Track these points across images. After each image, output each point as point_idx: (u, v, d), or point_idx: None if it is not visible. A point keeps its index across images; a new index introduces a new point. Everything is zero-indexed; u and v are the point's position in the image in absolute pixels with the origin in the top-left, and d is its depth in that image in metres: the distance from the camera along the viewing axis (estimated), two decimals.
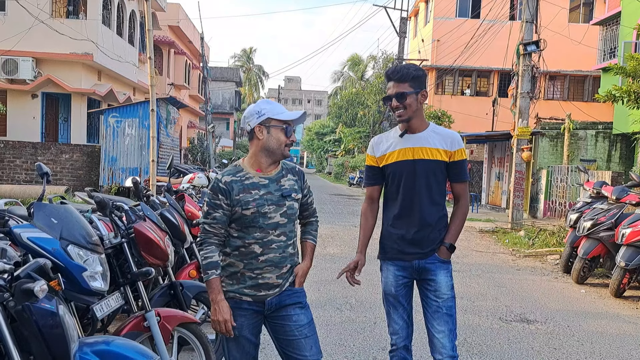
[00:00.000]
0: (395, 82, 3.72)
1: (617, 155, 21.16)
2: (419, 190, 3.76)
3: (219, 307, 3.25)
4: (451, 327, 3.73)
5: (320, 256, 10.78)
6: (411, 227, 3.80)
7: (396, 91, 3.71)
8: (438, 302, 3.76)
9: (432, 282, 3.79)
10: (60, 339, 2.80)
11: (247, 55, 79.25)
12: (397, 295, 3.88)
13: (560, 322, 7.24)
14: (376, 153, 3.93)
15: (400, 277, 3.87)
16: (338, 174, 54.40)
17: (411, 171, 3.76)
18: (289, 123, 3.36)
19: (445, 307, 3.75)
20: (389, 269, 3.93)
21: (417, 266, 3.81)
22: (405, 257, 3.83)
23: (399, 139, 3.83)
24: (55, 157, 20.13)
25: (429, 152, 3.75)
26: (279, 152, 3.37)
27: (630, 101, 13.10)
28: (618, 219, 8.86)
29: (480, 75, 33.59)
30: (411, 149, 3.77)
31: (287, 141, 3.37)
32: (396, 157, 3.82)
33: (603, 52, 23.85)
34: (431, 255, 3.80)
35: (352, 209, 22.12)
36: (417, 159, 3.76)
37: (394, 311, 3.91)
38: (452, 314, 3.76)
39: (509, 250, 13.14)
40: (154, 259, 4.71)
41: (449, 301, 3.76)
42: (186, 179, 11.81)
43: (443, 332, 3.71)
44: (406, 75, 3.71)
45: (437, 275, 3.78)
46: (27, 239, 3.37)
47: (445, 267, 3.81)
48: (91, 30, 20.64)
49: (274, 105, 3.39)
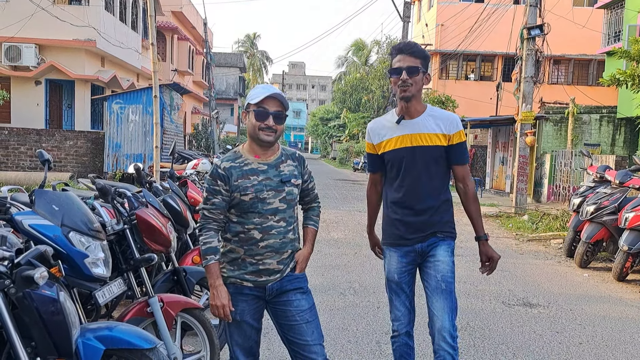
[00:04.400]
0: (408, 55, 3.64)
1: (621, 140, 21.08)
2: (419, 176, 3.72)
3: (217, 291, 3.27)
4: (451, 305, 3.69)
5: (324, 241, 10.80)
6: (412, 213, 3.76)
7: (408, 65, 3.62)
8: (437, 277, 3.71)
9: (432, 257, 3.76)
10: (61, 325, 2.81)
11: (251, 41, 79.05)
12: (399, 282, 3.86)
13: (562, 305, 7.25)
14: (374, 140, 3.90)
15: (404, 263, 3.84)
16: (343, 159, 54.38)
17: (410, 158, 3.72)
18: (260, 105, 3.29)
19: (445, 282, 3.70)
20: (392, 255, 3.89)
21: (420, 249, 3.79)
22: (407, 243, 3.80)
23: (396, 126, 3.78)
24: (60, 144, 20.17)
25: (427, 138, 3.70)
26: (255, 136, 3.33)
27: (635, 85, 13.04)
28: (621, 203, 8.85)
29: (484, 60, 33.42)
30: (409, 136, 3.72)
31: (259, 125, 3.29)
32: (394, 145, 3.77)
33: (607, 36, 23.68)
34: (432, 237, 3.77)
35: (357, 194, 22.12)
36: (415, 145, 3.71)
37: (396, 298, 3.89)
38: (451, 290, 3.72)
39: (513, 234, 13.15)
40: (156, 245, 4.71)
41: (448, 277, 3.72)
42: (190, 165, 11.84)
43: (442, 310, 3.67)
44: (419, 52, 3.67)
45: (437, 250, 3.76)
46: (28, 225, 3.38)
47: (447, 244, 3.79)
48: (94, 17, 20.62)
49: (256, 90, 3.34)
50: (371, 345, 5.56)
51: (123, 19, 24.36)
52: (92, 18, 20.33)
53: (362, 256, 9.75)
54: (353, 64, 64.36)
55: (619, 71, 13.42)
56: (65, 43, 20.98)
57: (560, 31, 23.31)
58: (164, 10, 30.66)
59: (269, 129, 3.31)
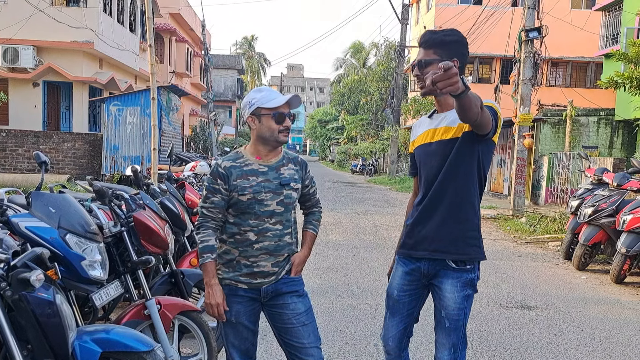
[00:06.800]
0: (422, 47, 3.28)
1: (619, 142, 21.09)
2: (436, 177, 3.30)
3: (212, 290, 3.28)
4: (454, 341, 3.30)
5: (322, 243, 10.80)
6: (423, 220, 3.34)
7: (419, 58, 3.26)
8: (442, 313, 3.32)
9: (438, 289, 3.34)
10: (57, 328, 2.81)
11: (249, 43, 79.05)
12: (398, 300, 3.47)
13: (560, 308, 7.25)
14: (412, 137, 3.57)
15: (407, 281, 3.44)
16: (341, 162, 54.41)
17: (428, 154, 3.35)
18: (278, 110, 3.33)
19: (450, 320, 3.29)
20: (398, 268, 3.50)
21: (426, 270, 3.36)
22: (412, 255, 3.39)
23: (428, 120, 3.43)
24: (58, 146, 20.15)
25: (449, 131, 3.26)
26: (272, 139, 3.35)
27: (633, 87, 13.04)
28: (619, 206, 8.86)
29: (482, 62, 33.41)
30: (432, 130, 3.34)
31: (279, 128, 3.33)
32: (419, 141, 3.44)
33: (605, 39, 23.70)
34: (439, 259, 3.30)
35: (354, 197, 22.14)
36: (434, 141, 3.31)
37: (390, 317, 3.52)
38: (457, 327, 3.30)
39: (511, 236, 13.15)
40: (154, 247, 4.71)
41: (454, 315, 3.29)
42: (188, 167, 11.81)
43: (443, 345, 3.33)
44: (431, 41, 3.26)
45: (444, 284, 3.30)
46: (25, 228, 3.37)
47: (455, 277, 3.28)
48: (91, 18, 20.60)
49: (264, 94, 3.36)
50: (369, 347, 5.55)
51: (121, 20, 24.34)
52: (90, 20, 20.31)
53: (360, 259, 9.75)
54: (351, 66, 64.37)
55: (617, 73, 13.43)
56: (63, 45, 20.97)
57: (558, 33, 23.40)
58: (162, 12, 30.65)
59: (287, 129, 3.37)
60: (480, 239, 3.36)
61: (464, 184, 3.26)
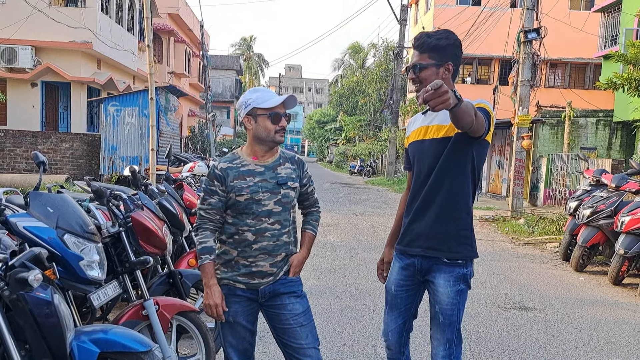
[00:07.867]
0: (416, 51, 3.31)
1: (617, 143, 21.11)
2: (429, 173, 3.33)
3: (211, 291, 3.28)
4: (449, 337, 3.32)
5: (321, 244, 10.80)
6: (418, 218, 3.37)
7: (414, 62, 3.29)
8: (436, 308, 3.35)
9: (431, 284, 3.37)
10: (55, 328, 2.80)
11: (247, 44, 79.02)
12: (395, 296, 3.52)
13: (558, 309, 7.25)
14: (407, 132, 3.59)
15: (404, 276, 3.48)
16: (339, 163, 54.38)
17: (422, 152, 3.39)
18: (274, 110, 3.33)
19: (444, 315, 3.31)
20: (395, 264, 3.54)
21: (420, 266, 3.39)
22: (407, 251, 3.43)
23: (422, 117, 3.46)
24: (56, 146, 20.13)
25: (441, 130, 3.30)
26: (269, 139, 3.35)
27: (631, 89, 13.07)
28: (617, 207, 8.86)
29: (481, 63, 33.43)
30: (425, 127, 3.38)
31: (275, 128, 3.33)
32: (413, 137, 3.47)
33: (604, 40, 23.74)
34: (433, 257, 3.33)
35: (353, 198, 22.14)
36: (427, 138, 3.35)
37: (389, 312, 3.57)
38: (451, 322, 3.32)
39: (509, 238, 13.15)
40: (152, 247, 4.71)
41: (448, 310, 3.30)
42: (186, 167, 11.82)
43: (438, 340, 3.35)
44: (425, 45, 3.27)
45: (437, 279, 3.33)
46: (23, 228, 3.36)
47: (448, 271, 3.30)
48: (90, 19, 20.58)
49: (260, 94, 3.36)
50: (367, 348, 5.54)
51: (119, 21, 24.33)
52: (89, 20, 20.28)
53: (358, 259, 9.74)
54: (350, 66, 64.36)
55: (616, 75, 13.44)
56: (61, 45, 20.96)
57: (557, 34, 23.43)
58: (161, 12, 30.64)
59: (283, 129, 3.37)
60: (473, 237, 3.40)
61: (457, 183, 3.29)
